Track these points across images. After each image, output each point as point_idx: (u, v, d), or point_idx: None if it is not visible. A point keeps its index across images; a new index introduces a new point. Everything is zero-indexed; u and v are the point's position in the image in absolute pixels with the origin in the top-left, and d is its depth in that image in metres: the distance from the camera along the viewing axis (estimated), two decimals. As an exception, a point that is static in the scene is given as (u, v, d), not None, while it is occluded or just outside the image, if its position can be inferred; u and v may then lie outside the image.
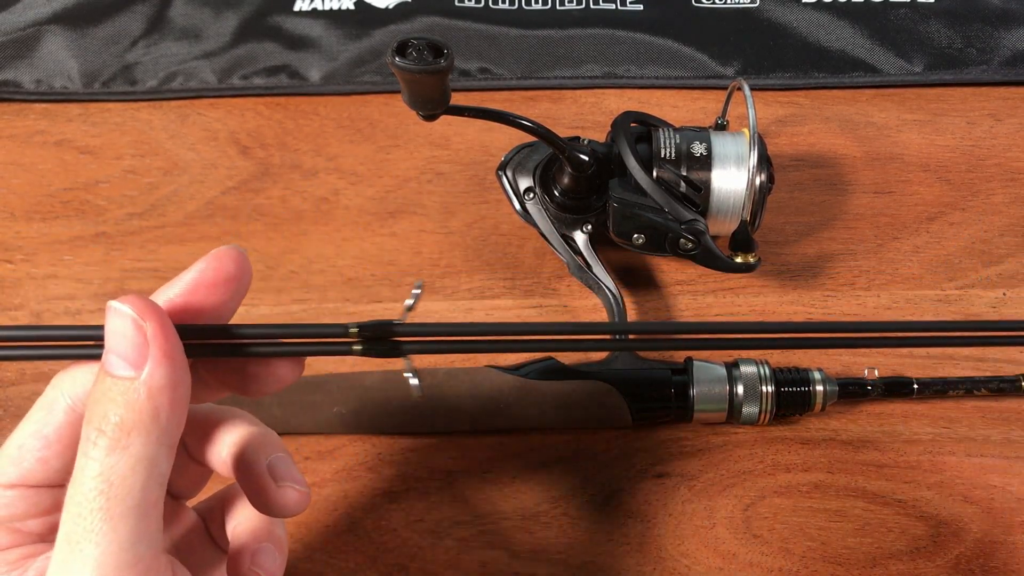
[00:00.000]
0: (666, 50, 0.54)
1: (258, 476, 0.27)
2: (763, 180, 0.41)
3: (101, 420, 0.23)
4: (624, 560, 0.39)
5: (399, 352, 0.28)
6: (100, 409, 0.23)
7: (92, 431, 0.23)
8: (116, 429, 0.23)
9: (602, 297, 0.43)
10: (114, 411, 0.23)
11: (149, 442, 0.23)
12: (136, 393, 0.23)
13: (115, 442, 0.23)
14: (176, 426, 0.24)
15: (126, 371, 0.23)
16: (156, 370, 0.23)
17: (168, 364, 0.23)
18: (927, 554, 0.39)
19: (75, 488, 0.23)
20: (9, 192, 0.49)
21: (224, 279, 0.26)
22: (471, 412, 0.40)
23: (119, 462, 0.23)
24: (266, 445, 0.28)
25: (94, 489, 0.22)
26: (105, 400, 0.23)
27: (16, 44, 0.54)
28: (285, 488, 0.27)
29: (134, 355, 0.23)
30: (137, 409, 0.23)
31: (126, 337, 0.23)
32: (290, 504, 0.27)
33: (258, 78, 0.53)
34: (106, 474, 0.22)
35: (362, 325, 0.27)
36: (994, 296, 0.45)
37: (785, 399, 0.40)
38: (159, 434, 0.23)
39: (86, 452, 0.23)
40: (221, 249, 0.26)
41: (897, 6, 0.56)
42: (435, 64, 0.33)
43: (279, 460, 0.28)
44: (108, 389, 0.23)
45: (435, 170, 0.50)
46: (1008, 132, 0.51)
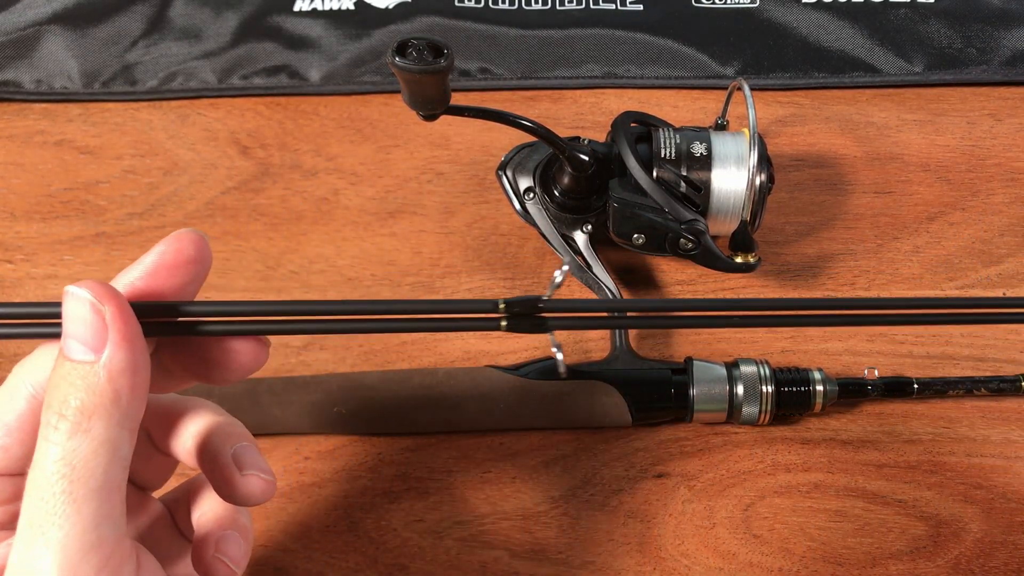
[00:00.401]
0: (666, 50, 0.54)
1: (223, 465, 0.27)
2: (763, 180, 0.41)
3: (61, 404, 0.23)
4: (624, 560, 0.39)
5: (544, 328, 0.28)
6: (60, 394, 0.23)
7: (52, 415, 0.23)
8: (77, 413, 0.23)
9: (602, 297, 0.43)
10: (74, 395, 0.23)
11: (111, 425, 0.23)
12: (96, 376, 0.23)
13: (76, 426, 0.23)
14: (137, 409, 0.24)
15: (85, 355, 0.23)
16: (116, 353, 0.23)
17: (127, 347, 0.23)
18: (927, 554, 0.39)
19: (36, 472, 0.23)
20: (9, 192, 0.49)
21: (184, 261, 0.26)
22: (471, 412, 0.40)
23: (81, 445, 0.23)
24: (231, 435, 0.28)
25: (56, 473, 0.22)
26: (65, 384, 0.23)
27: (16, 44, 0.54)
28: (250, 476, 0.27)
29: (93, 339, 0.23)
30: (98, 392, 0.23)
31: (84, 321, 0.23)
32: (255, 492, 0.27)
33: (258, 78, 0.53)
34: (68, 457, 0.22)
35: (509, 301, 0.27)
36: (994, 296, 0.45)
37: (785, 399, 0.40)
38: (120, 417, 0.23)
39: (47, 436, 0.23)
40: (180, 232, 0.26)
41: (897, 6, 0.56)
42: (435, 64, 0.33)
43: (244, 449, 0.28)
44: (67, 373, 0.23)
45: (435, 170, 0.50)
46: (1008, 132, 0.51)
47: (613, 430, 0.41)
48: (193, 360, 0.27)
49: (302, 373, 0.41)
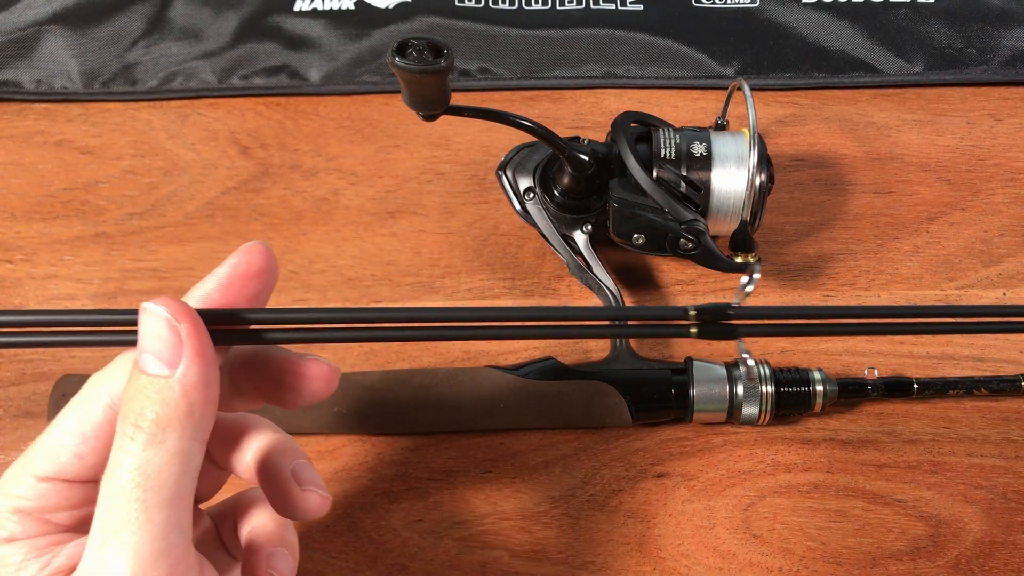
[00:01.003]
0: (666, 50, 0.54)
1: (283, 481, 0.28)
2: (763, 180, 0.41)
3: (138, 416, 0.24)
4: (624, 560, 0.39)
5: (734, 335, 0.28)
6: (136, 405, 0.24)
7: (129, 426, 0.24)
8: (153, 425, 0.24)
9: (602, 297, 0.43)
10: (150, 407, 0.24)
11: (184, 437, 0.24)
12: (171, 390, 0.24)
13: (152, 437, 0.24)
14: (208, 422, 0.25)
15: (161, 369, 0.24)
16: (190, 368, 0.24)
17: (202, 362, 0.24)
18: (927, 554, 0.39)
19: (111, 480, 0.24)
20: (9, 192, 0.49)
21: (256, 272, 0.27)
22: (471, 412, 0.40)
23: (156, 456, 0.24)
24: (289, 451, 0.29)
25: (131, 481, 0.23)
26: (141, 397, 0.24)
27: (16, 44, 0.54)
28: (308, 492, 0.29)
29: (169, 354, 0.24)
30: (173, 405, 0.24)
31: (160, 337, 0.24)
32: (312, 507, 0.29)
33: (258, 78, 0.53)
34: (143, 467, 0.23)
35: (700, 308, 0.28)
36: (994, 296, 0.45)
37: (785, 399, 0.40)
38: (193, 429, 0.24)
39: (123, 446, 0.24)
40: (250, 244, 0.27)
41: (897, 6, 0.56)
42: (435, 64, 0.33)
43: (302, 466, 0.29)
44: (144, 387, 0.24)
45: (435, 170, 0.50)
46: (1008, 132, 0.51)
47: (613, 430, 0.41)
48: (265, 381, 0.28)
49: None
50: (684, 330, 0.28)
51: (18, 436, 0.41)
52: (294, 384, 0.28)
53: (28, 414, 0.42)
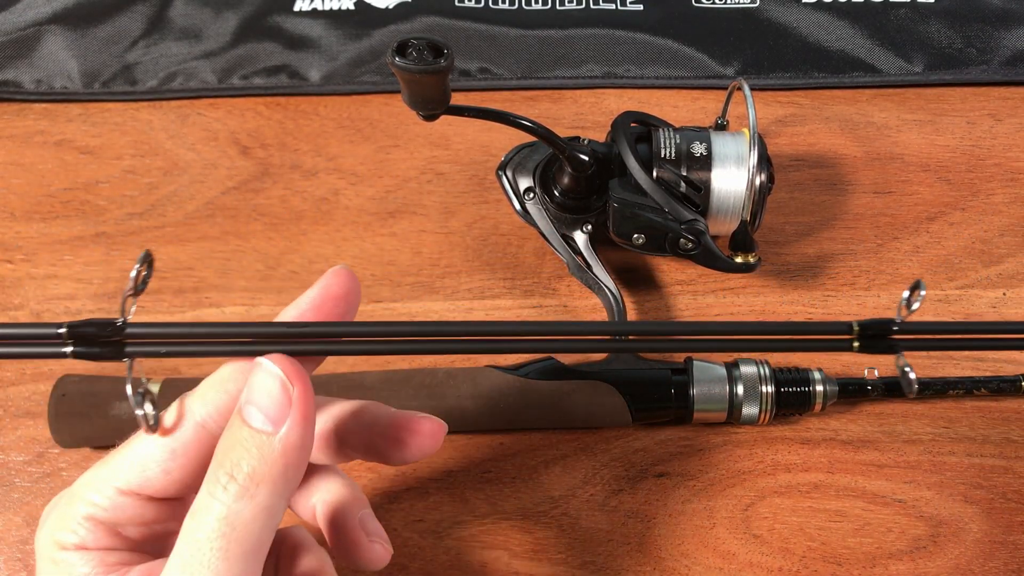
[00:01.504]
0: (666, 50, 0.54)
1: (352, 530, 0.29)
2: (763, 180, 0.41)
3: (234, 467, 0.24)
4: (624, 560, 0.39)
5: (895, 349, 0.29)
6: (234, 456, 0.24)
7: (223, 475, 0.24)
8: (247, 478, 0.24)
9: (602, 297, 0.43)
10: (247, 461, 0.24)
11: (274, 494, 0.25)
12: (272, 448, 0.24)
13: (244, 490, 0.24)
14: (296, 482, 0.26)
15: (265, 425, 0.25)
16: (294, 430, 0.25)
17: (305, 425, 0.25)
18: (927, 554, 0.39)
19: (197, 522, 0.24)
20: (9, 192, 0.49)
21: (344, 293, 0.27)
22: (471, 412, 0.40)
23: (245, 509, 0.24)
24: (357, 500, 0.30)
25: (216, 530, 0.24)
26: (240, 449, 0.24)
27: (16, 44, 0.54)
28: (375, 543, 0.30)
29: (276, 413, 0.25)
30: (270, 463, 0.24)
31: (271, 396, 0.25)
32: (377, 559, 0.30)
33: (258, 78, 0.53)
34: (231, 518, 0.24)
35: (863, 324, 0.28)
36: (994, 296, 0.45)
37: (785, 399, 0.40)
38: (284, 488, 0.25)
39: (213, 493, 0.24)
40: (337, 267, 0.28)
41: (897, 6, 0.56)
42: (435, 64, 0.33)
43: (368, 516, 0.30)
44: (244, 439, 0.25)
45: (435, 170, 0.50)
46: (1008, 132, 0.51)
47: (613, 430, 0.41)
48: (375, 438, 0.29)
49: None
50: (847, 344, 0.28)
51: (18, 436, 0.41)
52: (407, 440, 0.29)
53: (28, 414, 0.42)
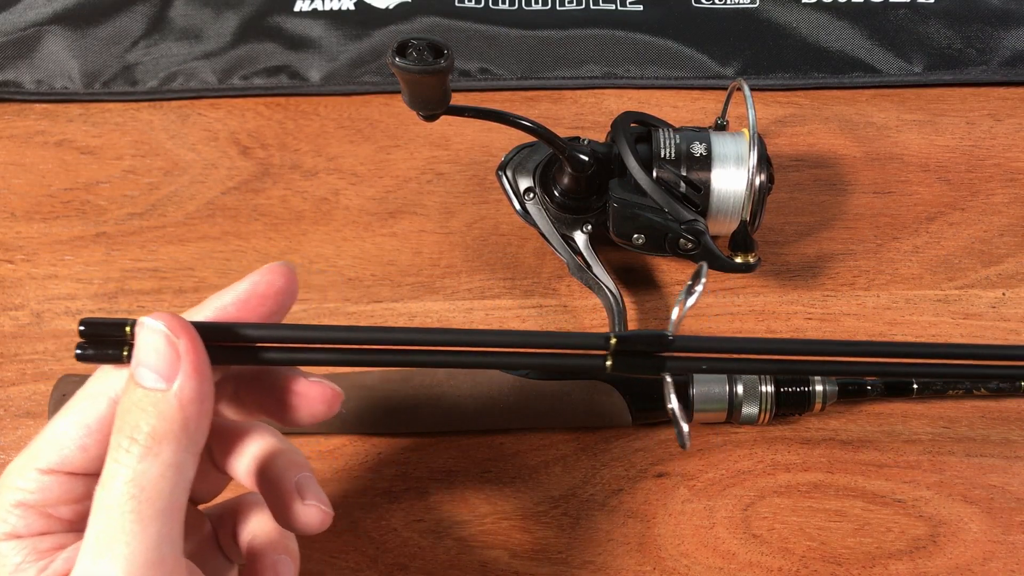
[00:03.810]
0: (666, 50, 0.54)
1: (286, 492, 0.29)
2: (763, 180, 0.41)
3: (133, 429, 0.24)
4: (624, 560, 0.39)
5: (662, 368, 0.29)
6: (132, 418, 0.24)
7: (124, 439, 0.24)
8: (148, 438, 0.24)
9: (602, 297, 0.43)
10: (146, 420, 0.24)
11: (179, 450, 0.24)
12: (168, 404, 0.24)
13: (147, 450, 0.24)
14: (202, 436, 0.25)
15: (157, 383, 0.25)
16: (187, 383, 0.25)
17: (198, 377, 0.25)
18: (927, 554, 0.39)
19: (106, 490, 0.24)
20: (9, 192, 0.49)
21: (275, 292, 0.27)
22: (471, 412, 0.40)
23: (151, 468, 0.24)
24: (294, 463, 0.29)
25: (126, 493, 0.24)
26: (136, 410, 0.24)
27: (16, 44, 0.54)
28: (311, 507, 0.29)
29: (166, 369, 0.25)
30: (169, 419, 0.24)
31: (158, 351, 0.25)
32: (314, 522, 0.29)
33: (258, 78, 0.53)
34: (138, 479, 0.24)
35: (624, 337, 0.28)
36: (994, 296, 0.45)
37: (785, 399, 0.40)
38: (188, 443, 0.25)
39: (117, 458, 0.24)
40: (273, 264, 0.28)
41: (897, 6, 0.56)
42: (435, 64, 0.33)
43: (306, 479, 0.29)
44: (139, 400, 0.25)
45: (435, 170, 0.50)
46: (1008, 132, 0.51)
47: (613, 430, 0.41)
48: (268, 399, 0.28)
49: (302, 373, 0.41)
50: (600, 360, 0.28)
51: (18, 436, 0.41)
52: (296, 404, 0.28)
53: (28, 414, 0.42)
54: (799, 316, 0.45)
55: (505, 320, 0.45)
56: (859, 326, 0.44)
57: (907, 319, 0.45)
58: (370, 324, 0.44)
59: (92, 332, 0.27)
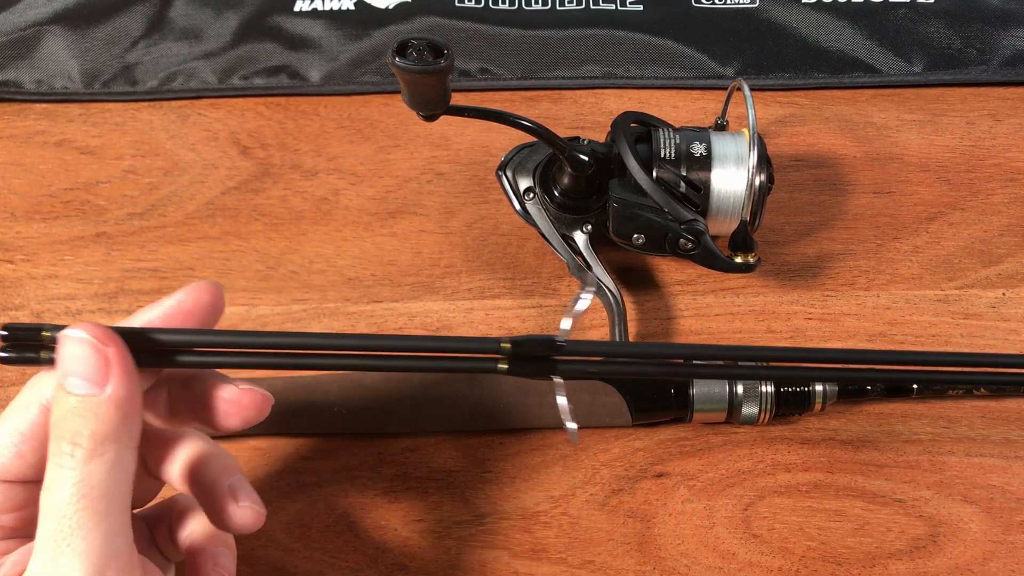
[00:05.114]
0: (666, 50, 0.54)
1: (220, 496, 0.30)
2: (763, 180, 0.41)
3: (74, 435, 0.25)
4: (624, 560, 0.39)
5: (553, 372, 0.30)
6: (70, 425, 0.25)
7: (65, 445, 0.25)
8: (90, 440, 0.25)
9: (602, 297, 0.43)
10: (85, 425, 0.25)
11: (120, 448, 0.26)
12: (105, 406, 0.26)
13: (91, 452, 0.25)
14: (137, 433, 0.27)
15: (88, 389, 0.26)
16: (119, 384, 0.26)
17: (129, 379, 0.26)
18: (927, 554, 0.39)
19: (52, 494, 0.25)
20: (9, 192, 0.49)
21: (200, 309, 0.29)
22: (471, 412, 0.40)
23: (98, 468, 0.25)
24: (226, 468, 0.31)
25: (74, 494, 0.25)
26: (73, 417, 0.25)
27: (16, 44, 0.54)
28: (246, 508, 0.30)
29: (96, 375, 0.26)
30: (107, 420, 0.25)
31: (85, 360, 0.26)
32: (248, 523, 0.30)
33: (258, 78, 0.53)
34: (86, 480, 0.25)
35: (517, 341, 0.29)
36: (994, 296, 0.45)
37: (785, 399, 0.40)
38: (128, 440, 0.26)
39: (61, 463, 0.25)
40: (200, 282, 0.29)
41: (897, 6, 0.56)
42: (435, 64, 0.33)
43: (239, 482, 0.30)
44: (74, 407, 0.26)
45: (435, 170, 0.50)
46: (1008, 132, 0.51)
47: (613, 430, 0.41)
48: (200, 405, 0.29)
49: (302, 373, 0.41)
50: (492, 365, 0.29)
51: (18, 436, 0.41)
52: (227, 410, 0.29)
53: (28, 414, 0.42)
54: (799, 316, 0.45)
55: (505, 320, 0.45)
56: (859, 326, 0.44)
57: (907, 319, 0.45)
58: (369, 324, 0.44)
59: (12, 336, 0.28)
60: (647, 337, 0.44)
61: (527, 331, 0.44)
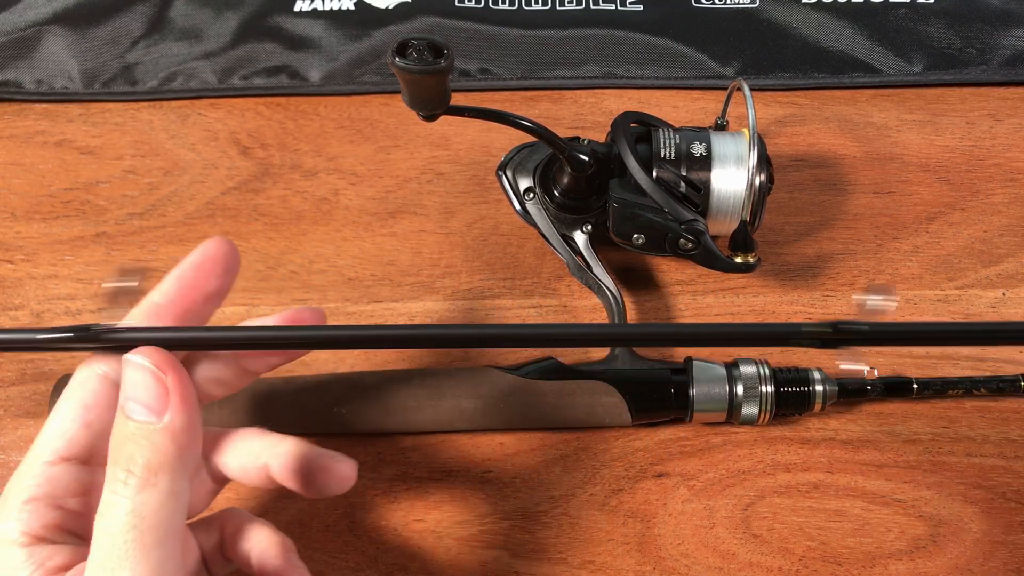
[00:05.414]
0: (666, 50, 0.54)
1: None
2: (763, 180, 0.41)
3: (128, 461, 0.25)
4: (624, 560, 0.39)
5: None
6: (126, 451, 0.26)
7: (120, 471, 0.25)
8: (144, 469, 0.25)
9: (602, 297, 0.43)
10: (140, 453, 0.25)
11: (175, 479, 0.26)
12: (161, 436, 0.26)
13: (144, 481, 0.25)
14: (194, 462, 0.27)
15: (148, 417, 0.26)
16: (177, 415, 0.26)
17: (186, 409, 0.26)
18: (927, 554, 0.39)
19: (105, 521, 0.25)
20: (10, 192, 0.49)
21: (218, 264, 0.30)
22: (471, 412, 0.40)
23: (150, 498, 0.25)
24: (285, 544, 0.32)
25: (126, 524, 0.25)
26: (130, 444, 0.26)
27: (17, 44, 0.54)
28: None
29: (156, 403, 0.26)
30: (162, 450, 0.25)
31: (147, 387, 0.26)
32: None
33: (258, 78, 0.53)
34: (138, 510, 0.25)
35: None
36: (994, 296, 0.45)
37: (785, 399, 0.40)
38: (183, 471, 0.26)
39: (115, 490, 0.25)
40: (210, 240, 0.30)
41: (897, 6, 0.56)
42: (435, 64, 0.33)
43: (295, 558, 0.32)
44: (132, 433, 0.26)
45: (435, 170, 0.50)
46: (1008, 132, 0.51)
47: (613, 430, 0.41)
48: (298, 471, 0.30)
49: (302, 373, 0.41)
50: None
51: (18, 436, 0.41)
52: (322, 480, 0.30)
53: (28, 414, 0.42)
54: (799, 316, 0.45)
55: (505, 320, 0.45)
56: (859, 326, 0.44)
57: (907, 319, 0.45)
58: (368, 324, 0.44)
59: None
60: (647, 337, 0.44)
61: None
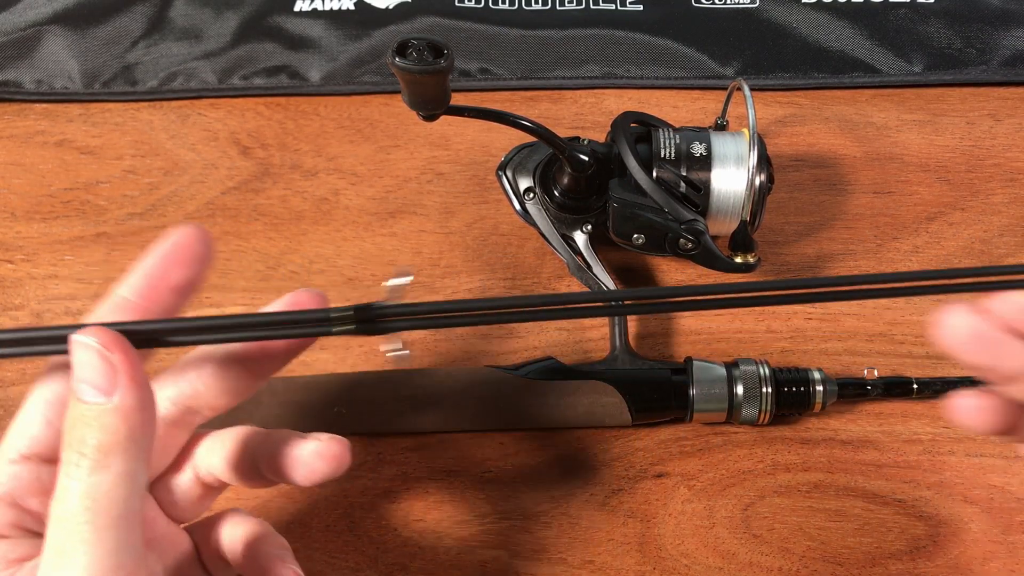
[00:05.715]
0: (666, 50, 0.54)
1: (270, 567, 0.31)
2: (763, 180, 0.41)
3: (80, 444, 0.25)
4: (624, 560, 0.39)
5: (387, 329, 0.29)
6: (77, 433, 0.25)
7: (73, 454, 0.25)
8: (95, 451, 0.24)
9: (602, 297, 0.43)
10: (91, 434, 0.25)
11: (128, 459, 0.25)
12: (111, 416, 0.25)
13: (96, 463, 0.24)
14: (149, 443, 0.26)
15: (97, 397, 0.25)
16: (127, 394, 0.25)
17: (137, 388, 0.25)
18: (927, 554, 0.39)
19: (60, 505, 0.25)
20: (10, 192, 0.49)
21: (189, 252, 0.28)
22: (471, 412, 0.40)
23: (102, 480, 0.24)
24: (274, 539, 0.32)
25: (80, 506, 0.24)
26: (81, 425, 0.25)
27: (17, 44, 0.54)
28: None
29: (104, 383, 0.25)
30: (113, 431, 0.25)
31: (94, 367, 0.25)
32: None
33: (258, 78, 0.53)
34: (91, 492, 0.24)
35: None
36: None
37: (785, 399, 0.40)
38: (136, 451, 0.25)
39: (69, 473, 0.25)
40: (179, 229, 0.28)
41: (897, 6, 0.56)
42: (435, 64, 0.33)
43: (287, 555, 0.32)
44: (83, 414, 0.25)
45: (435, 170, 0.50)
46: (1007, 132, 0.51)
47: (613, 430, 0.41)
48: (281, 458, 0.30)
49: (302, 373, 0.41)
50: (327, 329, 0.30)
51: (18, 436, 0.41)
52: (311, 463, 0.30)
53: (28, 414, 0.42)
54: (799, 316, 0.45)
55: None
56: (859, 326, 0.44)
57: (907, 319, 0.45)
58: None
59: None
60: (647, 338, 0.44)
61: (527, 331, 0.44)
